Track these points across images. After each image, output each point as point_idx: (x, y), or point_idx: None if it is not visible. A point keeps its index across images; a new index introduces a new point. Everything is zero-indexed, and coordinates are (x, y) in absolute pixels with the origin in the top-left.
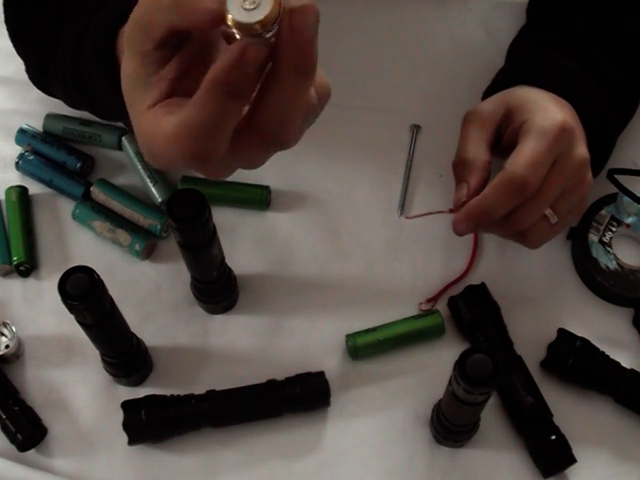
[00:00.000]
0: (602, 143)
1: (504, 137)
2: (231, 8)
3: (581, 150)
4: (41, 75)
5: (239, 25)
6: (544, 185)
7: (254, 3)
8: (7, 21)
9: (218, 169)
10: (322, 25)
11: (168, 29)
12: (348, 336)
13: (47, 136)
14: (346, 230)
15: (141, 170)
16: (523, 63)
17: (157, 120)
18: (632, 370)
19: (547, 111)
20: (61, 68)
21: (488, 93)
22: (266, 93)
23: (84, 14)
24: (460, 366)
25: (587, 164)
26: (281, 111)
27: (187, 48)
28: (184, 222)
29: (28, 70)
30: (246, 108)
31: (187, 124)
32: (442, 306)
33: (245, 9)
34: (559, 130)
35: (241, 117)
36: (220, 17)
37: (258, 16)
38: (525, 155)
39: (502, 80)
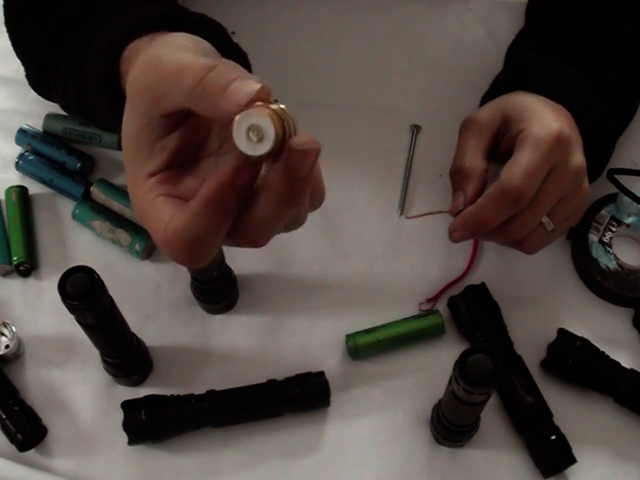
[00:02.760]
0: (601, 147)
1: (501, 144)
2: (237, 133)
3: (577, 158)
4: (42, 84)
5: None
6: (540, 194)
7: (258, 135)
8: (7, 25)
9: (201, 265)
10: (323, 25)
11: (181, 108)
12: (348, 336)
13: (47, 136)
14: (346, 230)
15: None
16: (521, 68)
17: (153, 202)
18: (632, 370)
19: (543, 120)
20: (62, 81)
21: (486, 99)
22: (250, 207)
23: (86, 30)
24: (460, 366)
25: (583, 172)
26: (262, 226)
27: (192, 120)
28: None
29: (28, 76)
30: None
31: (182, 234)
32: (442, 306)
33: (250, 139)
34: (555, 140)
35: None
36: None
37: (259, 151)
38: (520, 166)
39: (500, 85)
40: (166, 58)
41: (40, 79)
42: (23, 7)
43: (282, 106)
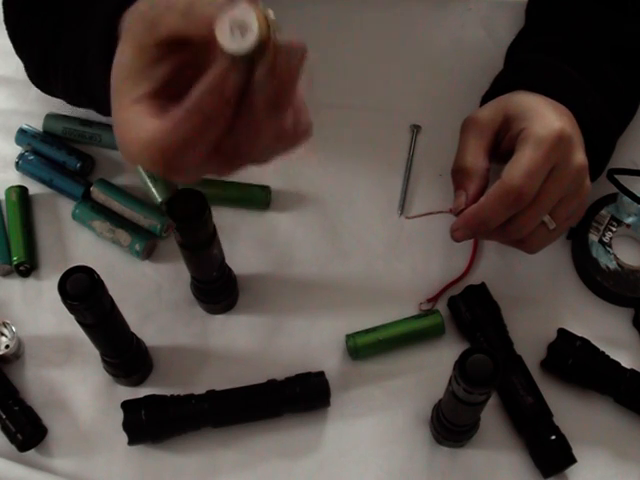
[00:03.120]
0: (601, 147)
1: (502, 144)
2: (219, 32)
3: (579, 157)
4: (41, 77)
5: (224, 50)
6: (541, 193)
7: (242, 31)
8: (7, 22)
9: (186, 178)
10: (323, 25)
11: (174, 32)
12: (348, 336)
13: (47, 136)
14: (346, 230)
15: (141, 170)
16: (521, 68)
17: (137, 119)
18: (632, 370)
19: (544, 119)
20: (62, 70)
21: (487, 98)
22: (238, 116)
23: (85, 26)
24: (460, 366)
25: (585, 171)
26: (250, 135)
27: (185, 51)
28: (184, 222)
29: (28, 70)
30: None
31: (161, 138)
32: (442, 306)
33: (233, 35)
34: (556, 138)
35: (215, 139)
36: None
37: (243, 45)
38: (522, 165)
39: (500, 85)
40: None
41: (40, 72)
42: (22, 4)
43: (270, 11)
